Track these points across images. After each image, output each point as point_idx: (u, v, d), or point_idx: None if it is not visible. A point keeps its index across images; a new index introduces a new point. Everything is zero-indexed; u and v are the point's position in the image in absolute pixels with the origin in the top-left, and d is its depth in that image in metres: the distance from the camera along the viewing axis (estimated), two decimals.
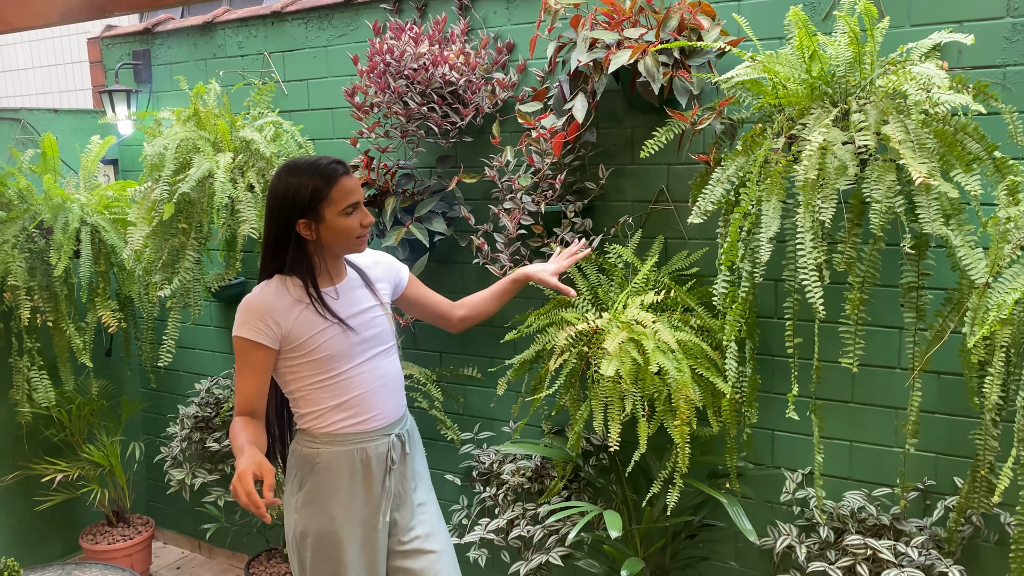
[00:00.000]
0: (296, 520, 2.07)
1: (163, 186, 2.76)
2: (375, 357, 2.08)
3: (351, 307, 2.05)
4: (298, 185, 1.94)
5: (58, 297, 3.18)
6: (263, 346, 1.96)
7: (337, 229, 1.96)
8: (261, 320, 1.95)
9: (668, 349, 2.13)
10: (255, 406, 1.97)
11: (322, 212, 1.95)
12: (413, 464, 2.20)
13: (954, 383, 2.20)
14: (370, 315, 2.08)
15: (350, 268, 2.12)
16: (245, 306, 1.98)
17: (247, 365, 1.97)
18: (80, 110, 3.73)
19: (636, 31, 2.24)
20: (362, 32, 3.00)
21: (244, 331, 1.96)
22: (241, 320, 1.97)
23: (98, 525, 3.65)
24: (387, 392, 2.10)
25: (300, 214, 1.95)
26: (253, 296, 1.99)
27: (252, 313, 1.96)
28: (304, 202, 1.94)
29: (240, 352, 1.97)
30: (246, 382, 1.97)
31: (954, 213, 1.81)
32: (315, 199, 1.94)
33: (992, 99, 1.90)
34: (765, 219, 1.91)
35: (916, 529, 2.18)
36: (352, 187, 1.97)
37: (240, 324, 1.97)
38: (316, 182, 1.93)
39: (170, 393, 3.81)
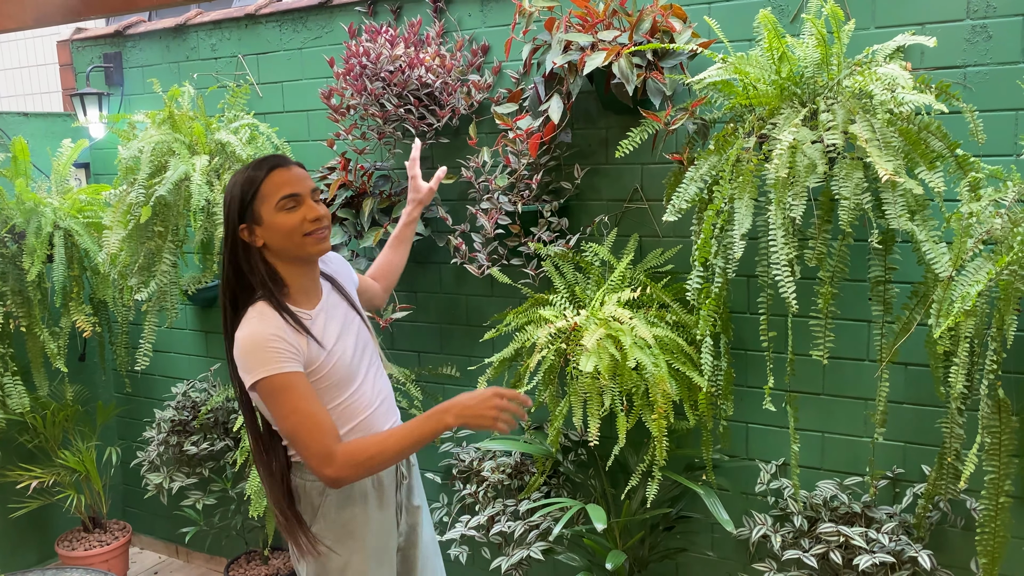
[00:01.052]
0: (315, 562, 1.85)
1: (139, 189, 2.75)
2: (369, 374, 1.91)
3: (338, 327, 1.86)
4: (232, 187, 1.75)
5: (31, 302, 3.15)
6: (300, 372, 1.71)
7: (277, 228, 1.73)
8: (281, 348, 1.69)
9: (645, 345, 2.17)
10: (335, 429, 1.73)
11: (258, 212, 1.73)
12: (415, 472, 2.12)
13: (920, 373, 2.27)
14: (355, 329, 1.91)
15: (323, 279, 1.92)
16: (250, 345, 1.69)
17: (300, 395, 1.69)
18: (50, 113, 3.70)
19: (610, 33, 2.28)
20: (337, 34, 3.01)
21: (272, 368, 1.68)
22: (257, 360, 1.68)
23: (74, 531, 3.62)
24: (387, 409, 1.96)
25: (239, 219, 1.74)
26: (250, 330, 1.71)
27: (265, 346, 1.69)
28: (239, 203, 1.73)
29: (284, 390, 1.68)
30: (315, 408, 1.70)
31: (919, 209, 1.87)
32: (248, 198, 1.73)
33: (954, 99, 1.97)
34: (738, 216, 1.96)
35: (886, 516, 2.25)
36: (286, 179, 1.74)
37: (261, 363, 1.68)
38: (248, 178, 1.74)
39: (145, 397, 3.79)
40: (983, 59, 2.11)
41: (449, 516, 2.90)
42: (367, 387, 1.88)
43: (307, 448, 1.69)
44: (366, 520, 1.88)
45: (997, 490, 1.88)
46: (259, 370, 1.68)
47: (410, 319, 2.99)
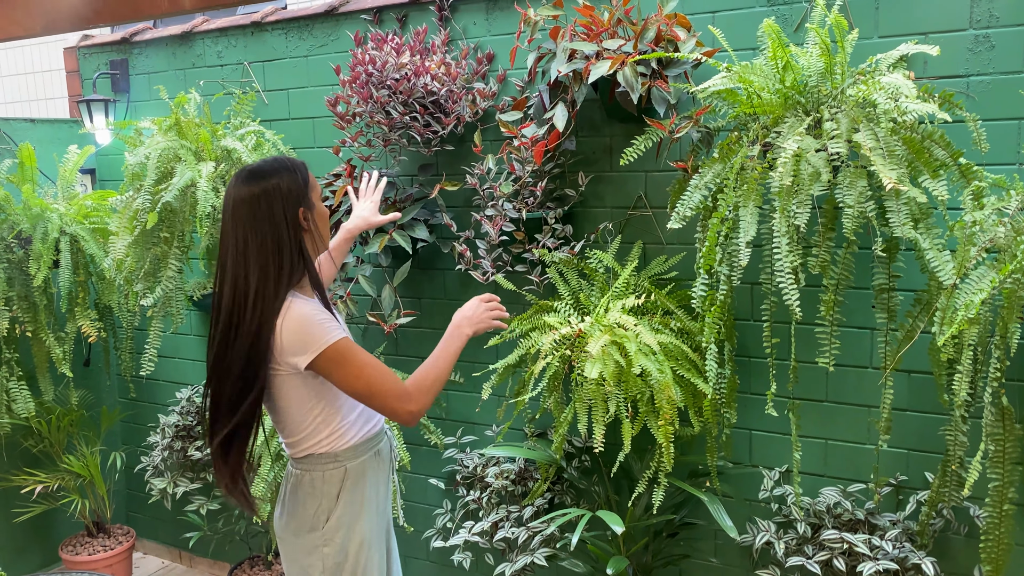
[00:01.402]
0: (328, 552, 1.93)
1: (145, 195, 2.77)
2: None
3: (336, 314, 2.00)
4: (289, 179, 1.82)
5: (37, 307, 3.16)
6: (347, 337, 1.83)
7: (322, 214, 1.90)
8: (325, 321, 1.79)
9: (650, 351, 2.18)
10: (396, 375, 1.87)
11: (310, 199, 1.86)
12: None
13: (924, 381, 2.28)
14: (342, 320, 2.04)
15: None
16: (306, 323, 1.77)
17: (358, 354, 1.81)
18: (57, 120, 3.72)
19: (615, 42, 2.30)
20: (343, 42, 3.03)
21: (331, 337, 1.78)
22: (315, 335, 1.77)
23: (78, 536, 3.63)
24: None
25: (299, 203, 1.82)
26: (299, 312, 1.78)
27: (316, 320, 1.78)
28: (298, 190, 1.83)
29: (345, 354, 1.79)
30: (375, 362, 1.83)
31: (922, 217, 1.88)
32: (304, 184, 1.85)
33: (957, 108, 1.98)
34: (743, 224, 1.97)
35: (890, 523, 2.25)
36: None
37: (318, 338, 1.77)
38: (299, 172, 1.85)
39: (150, 402, 3.80)
40: (986, 68, 2.13)
41: (453, 522, 2.91)
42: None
43: (388, 393, 1.83)
44: (376, 493, 2.02)
45: (1001, 497, 1.88)
46: (320, 342, 1.77)
47: (414, 325, 3.00)
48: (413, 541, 3.15)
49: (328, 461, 1.92)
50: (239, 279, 1.78)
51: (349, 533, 1.94)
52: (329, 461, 1.92)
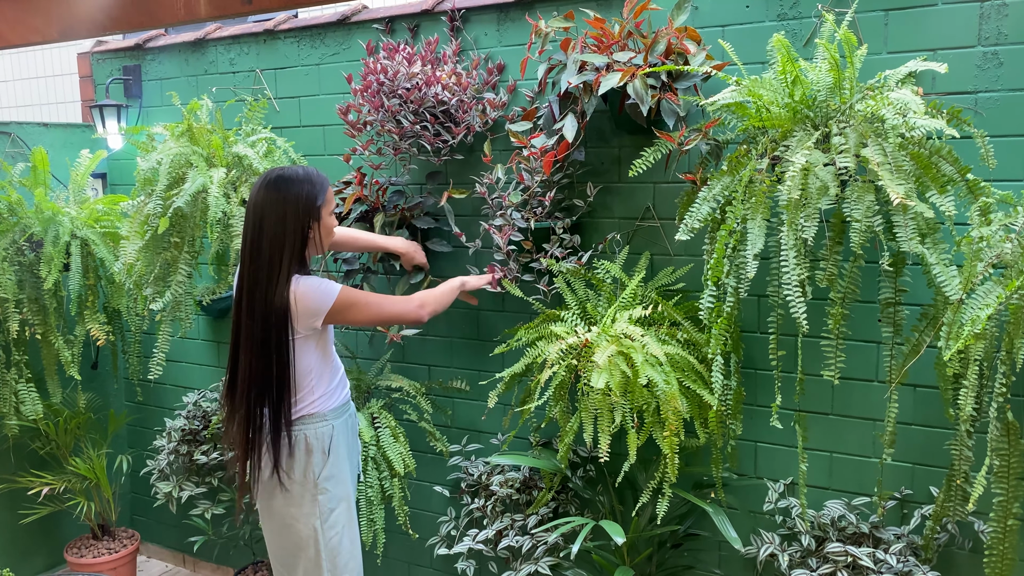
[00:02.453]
0: (321, 506, 2.25)
1: (156, 200, 2.79)
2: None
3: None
4: (310, 190, 2.18)
5: (47, 310, 3.19)
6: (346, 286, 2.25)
7: (328, 228, 2.24)
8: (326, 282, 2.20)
9: (656, 362, 2.19)
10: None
11: (320, 212, 2.20)
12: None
13: (929, 395, 2.28)
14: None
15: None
16: (314, 287, 2.17)
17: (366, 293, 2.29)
18: (69, 124, 3.75)
19: (625, 55, 2.32)
20: (355, 51, 3.06)
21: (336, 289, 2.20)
22: (325, 287, 2.18)
23: (83, 538, 3.65)
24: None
25: (309, 216, 2.18)
26: (306, 282, 2.17)
27: (319, 286, 2.18)
28: (313, 204, 2.18)
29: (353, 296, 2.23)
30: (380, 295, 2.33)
31: (929, 232, 1.89)
32: (320, 199, 2.20)
33: (965, 124, 1.99)
34: (750, 237, 1.99)
35: (894, 537, 2.26)
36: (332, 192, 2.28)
37: (327, 294, 2.18)
38: (319, 187, 2.21)
39: (156, 406, 3.82)
40: (994, 85, 2.14)
41: (457, 530, 2.92)
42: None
43: (404, 308, 2.35)
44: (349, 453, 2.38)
45: (1006, 512, 1.89)
46: (330, 296, 2.18)
47: (421, 332, 3.01)
48: (417, 548, 3.15)
49: (318, 420, 2.26)
50: (246, 267, 2.17)
51: (338, 484, 2.28)
52: (319, 420, 2.26)
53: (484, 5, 2.78)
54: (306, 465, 2.24)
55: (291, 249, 2.15)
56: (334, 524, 2.27)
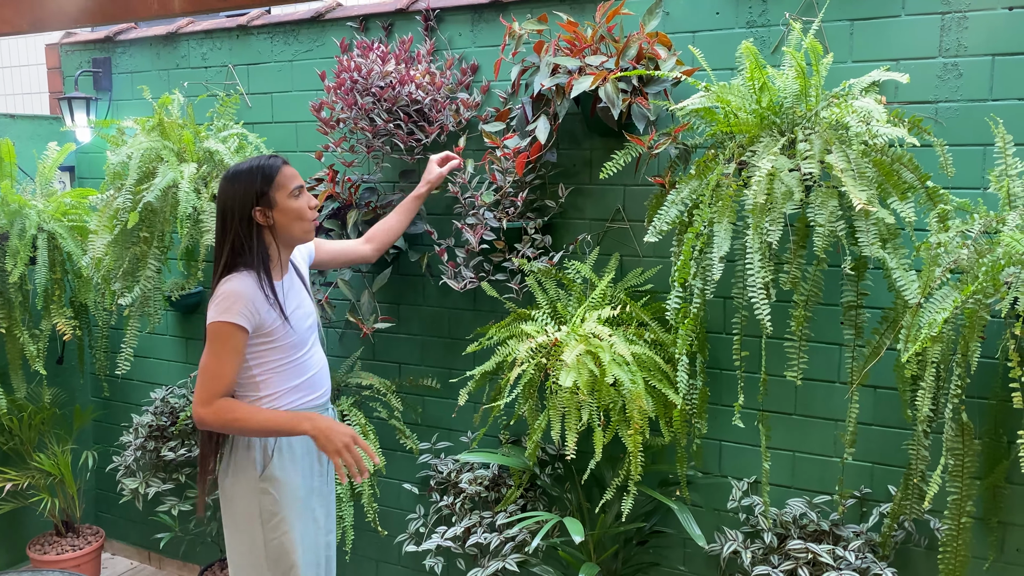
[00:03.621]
0: (261, 504, 2.18)
1: (126, 195, 2.77)
2: (315, 343, 2.32)
3: (295, 299, 2.24)
4: (248, 178, 2.12)
5: (12, 304, 3.15)
6: (245, 330, 2.07)
7: (289, 211, 2.13)
8: (245, 307, 2.06)
9: (623, 361, 2.23)
10: (231, 389, 2.10)
11: (273, 197, 2.12)
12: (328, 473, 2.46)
13: (888, 396, 2.34)
14: (308, 305, 2.30)
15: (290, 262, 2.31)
16: (229, 293, 2.06)
17: (229, 349, 2.06)
18: (37, 116, 3.71)
19: (597, 58, 2.35)
20: (328, 48, 3.06)
21: (230, 316, 2.05)
22: (224, 307, 2.05)
23: (46, 535, 3.61)
24: (325, 373, 2.35)
25: (255, 203, 2.11)
26: (236, 284, 2.08)
27: (237, 299, 2.06)
28: (256, 191, 2.11)
29: (222, 337, 2.05)
30: (229, 365, 2.06)
31: (890, 238, 1.95)
32: (265, 185, 2.12)
33: (925, 133, 2.05)
34: (716, 239, 2.03)
35: (853, 534, 2.31)
36: (293, 173, 2.17)
37: (224, 310, 2.05)
38: (263, 171, 2.12)
39: (123, 402, 3.79)
40: (954, 95, 2.20)
41: (425, 527, 2.93)
42: (312, 353, 2.28)
43: (202, 385, 2.06)
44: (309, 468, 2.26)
45: (959, 511, 1.95)
46: (222, 314, 2.05)
47: (392, 330, 3.02)
48: (385, 545, 3.16)
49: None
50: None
51: (285, 489, 2.18)
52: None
53: (459, 6, 2.79)
54: (245, 463, 2.18)
55: (231, 243, 2.12)
56: (277, 527, 2.19)
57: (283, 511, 2.19)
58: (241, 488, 2.20)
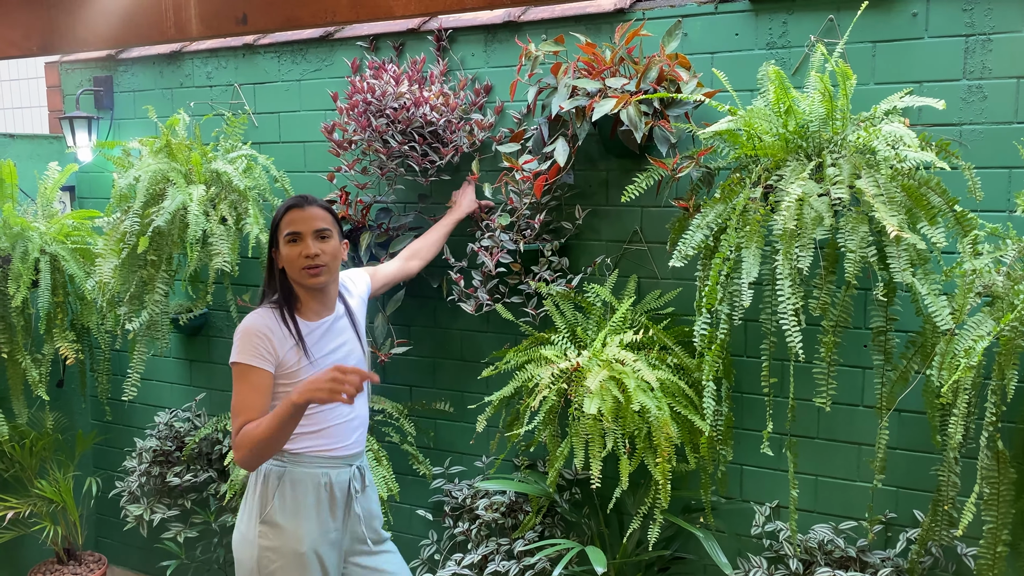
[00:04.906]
0: (260, 547, 2.09)
1: (133, 218, 2.73)
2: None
3: (330, 343, 2.17)
4: (273, 218, 2.16)
5: (14, 328, 3.08)
6: (264, 371, 2.03)
7: (284, 256, 2.12)
8: (260, 344, 2.03)
9: (649, 387, 2.20)
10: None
11: (277, 240, 2.13)
12: (375, 496, 2.36)
13: (914, 420, 2.32)
14: (345, 351, 2.20)
15: (339, 301, 2.25)
16: (241, 331, 2.05)
17: (249, 387, 2.01)
18: (37, 136, 3.65)
19: (618, 81, 2.32)
20: (338, 68, 3.02)
21: (243, 357, 2.02)
22: (240, 347, 2.03)
23: (48, 563, 3.52)
24: (354, 427, 2.22)
25: (271, 243, 2.16)
26: (249, 321, 2.07)
27: (249, 337, 2.03)
28: (272, 231, 2.15)
29: (240, 376, 2.02)
30: (251, 401, 1.99)
31: (920, 263, 1.93)
32: (274, 227, 2.14)
33: (953, 156, 2.03)
34: (745, 265, 2.00)
35: (880, 560, 2.29)
36: (294, 218, 2.10)
37: (239, 351, 2.03)
38: (278, 212, 2.14)
39: (126, 425, 3.72)
40: (978, 118, 2.19)
41: (440, 553, 2.89)
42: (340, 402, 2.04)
43: (233, 426, 1.99)
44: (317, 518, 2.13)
45: (995, 540, 1.92)
46: (239, 354, 2.02)
47: (404, 353, 2.98)
48: None
49: (276, 458, 2.11)
50: None
51: (286, 537, 2.09)
52: (277, 458, 2.11)
53: (471, 26, 2.77)
54: (253, 498, 2.14)
55: (264, 279, 2.18)
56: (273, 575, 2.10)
57: (281, 559, 2.09)
58: (243, 528, 2.15)
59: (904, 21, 2.24)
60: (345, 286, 2.32)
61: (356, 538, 2.25)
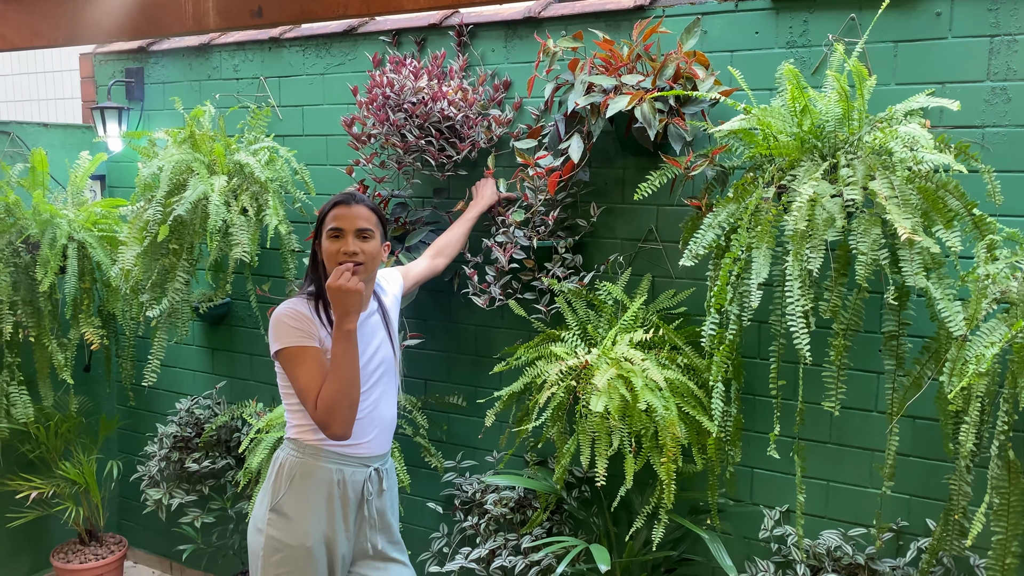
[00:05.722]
0: (267, 535, 2.11)
1: (156, 206, 2.78)
2: (373, 389, 2.19)
3: (363, 338, 2.16)
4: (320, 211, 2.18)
5: (42, 312, 3.16)
6: (314, 347, 2.05)
7: (324, 250, 2.14)
8: (302, 327, 2.06)
9: (656, 387, 2.18)
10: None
11: (321, 233, 2.15)
12: (392, 503, 2.32)
13: (928, 427, 2.28)
14: (374, 348, 2.21)
15: (373, 298, 2.26)
16: (279, 321, 2.08)
17: (306, 365, 2.03)
18: (69, 125, 3.73)
19: (633, 77, 2.31)
20: (360, 62, 3.04)
21: (290, 341, 2.05)
22: (281, 334, 2.06)
23: (70, 543, 3.61)
24: (376, 426, 2.20)
25: (316, 235, 2.18)
26: (283, 310, 2.10)
27: (290, 323, 2.07)
28: (318, 224, 2.17)
29: (293, 360, 2.04)
30: (316, 373, 2.02)
31: (935, 267, 1.89)
32: (320, 221, 2.16)
33: (972, 159, 1.99)
34: (755, 265, 1.98)
35: (890, 569, 2.25)
36: (338, 214, 2.12)
37: (282, 337, 2.06)
38: (324, 207, 2.16)
39: (149, 411, 3.79)
40: (1001, 120, 2.14)
41: (449, 547, 2.90)
42: (367, 396, 2.16)
43: (307, 406, 2.02)
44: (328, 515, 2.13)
45: (1004, 551, 1.88)
46: (280, 341, 2.06)
47: (419, 346, 2.99)
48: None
49: (294, 448, 2.15)
50: None
51: (294, 531, 2.10)
52: (295, 448, 2.15)
53: (492, 22, 2.77)
54: (267, 485, 2.17)
55: (308, 270, 2.22)
56: (278, 564, 2.11)
57: (286, 550, 2.10)
58: (256, 514, 2.18)
59: (927, 21, 2.19)
60: (380, 285, 2.34)
61: (365, 544, 2.23)
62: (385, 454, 2.26)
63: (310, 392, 2.01)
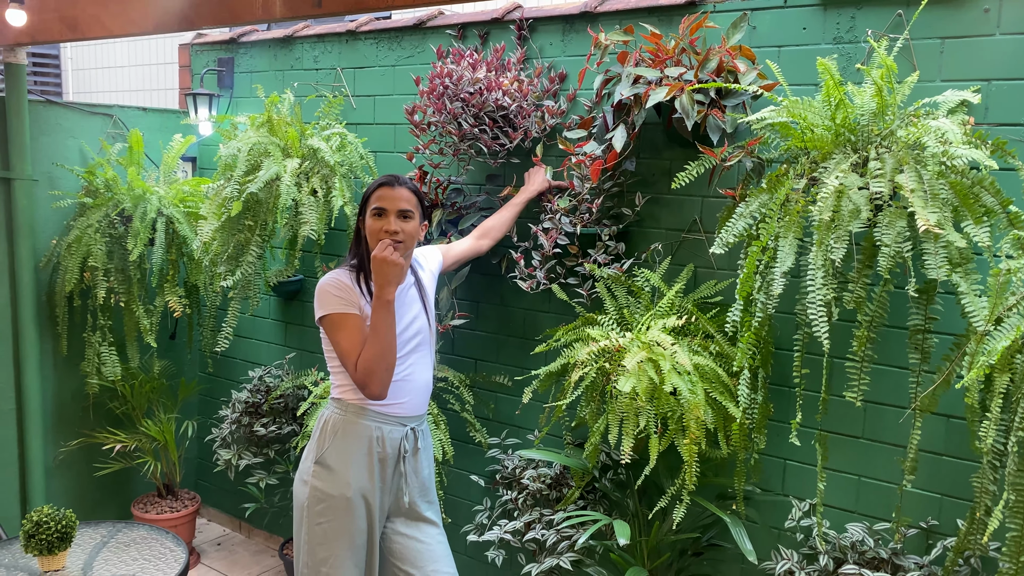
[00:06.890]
0: (311, 486, 2.28)
1: (233, 185, 3.00)
2: (409, 355, 2.35)
3: (400, 309, 2.31)
4: (366, 190, 2.34)
5: (131, 280, 3.45)
6: (355, 314, 2.22)
7: (367, 227, 2.29)
8: (344, 296, 2.23)
9: (684, 371, 2.25)
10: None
11: (366, 211, 2.31)
12: (428, 462, 2.48)
13: (961, 426, 2.26)
14: (411, 318, 2.37)
15: (410, 273, 2.42)
16: (323, 290, 2.25)
17: (348, 331, 2.21)
18: (165, 109, 4.03)
19: (677, 70, 2.38)
20: (428, 55, 3.20)
21: (332, 308, 2.22)
22: (324, 301, 2.24)
23: (149, 496, 3.91)
24: (413, 388, 2.37)
25: (360, 212, 2.34)
26: (327, 279, 2.27)
27: (332, 291, 2.24)
28: (362, 202, 2.33)
29: (335, 326, 2.22)
30: (357, 338, 2.20)
31: (962, 262, 1.89)
32: (365, 200, 2.32)
33: (1009, 156, 1.98)
34: (781, 254, 2.02)
35: (914, 565, 2.24)
36: (382, 195, 2.27)
37: (326, 304, 2.23)
38: (370, 186, 2.32)
39: (225, 378, 4.06)
40: None
41: (489, 519, 3.02)
42: (402, 363, 2.31)
43: (349, 368, 2.20)
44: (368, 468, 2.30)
45: (1019, 548, 1.87)
46: (324, 308, 2.23)
47: (469, 327, 3.13)
48: (451, 534, 3.26)
49: (338, 406, 2.33)
50: None
51: (335, 484, 2.26)
52: (338, 407, 2.32)
53: (551, 16, 2.88)
54: (313, 441, 2.34)
55: (355, 240, 2.38)
56: (322, 514, 2.26)
57: (328, 500, 2.26)
58: (302, 467, 2.34)
59: (975, 17, 2.18)
60: (418, 260, 2.50)
61: (402, 498, 2.39)
62: (421, 416, 2.41)
63: (351, 355, 2.19)
